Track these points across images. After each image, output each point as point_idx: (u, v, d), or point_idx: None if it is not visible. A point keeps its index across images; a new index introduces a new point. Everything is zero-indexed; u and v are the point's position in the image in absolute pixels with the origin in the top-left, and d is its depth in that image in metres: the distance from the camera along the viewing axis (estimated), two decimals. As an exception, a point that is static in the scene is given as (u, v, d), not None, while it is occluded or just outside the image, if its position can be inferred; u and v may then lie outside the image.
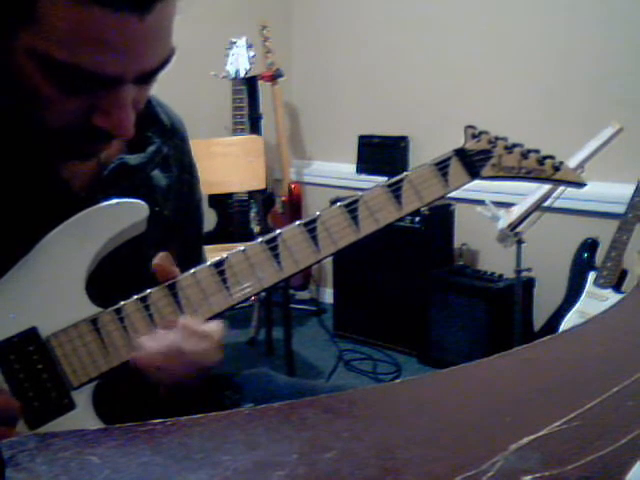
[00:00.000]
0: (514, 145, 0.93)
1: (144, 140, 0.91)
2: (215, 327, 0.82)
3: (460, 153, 0.90)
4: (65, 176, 0.84)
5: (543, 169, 0.94)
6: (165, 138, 0.94)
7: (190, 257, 0.82)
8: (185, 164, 1.00)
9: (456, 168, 0.89)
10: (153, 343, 0.78)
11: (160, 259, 0.81)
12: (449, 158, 0.89)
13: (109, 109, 0.75)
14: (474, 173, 0.89)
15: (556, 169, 0.94)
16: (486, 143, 0.91)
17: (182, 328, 0.79)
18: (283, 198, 3.51)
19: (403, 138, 3.38)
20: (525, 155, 0.93)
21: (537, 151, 0.94)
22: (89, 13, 0.68)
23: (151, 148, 0.92)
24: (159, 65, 0.75)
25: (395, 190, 0.86)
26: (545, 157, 0.94)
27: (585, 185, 0.98)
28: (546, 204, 2.24)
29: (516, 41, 3.03)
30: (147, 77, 0.76)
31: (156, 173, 0.93)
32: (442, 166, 0.88)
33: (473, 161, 0.90)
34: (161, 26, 0.73)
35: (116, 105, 0.75)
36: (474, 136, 0.91)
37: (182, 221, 0.97)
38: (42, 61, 0.70)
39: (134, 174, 0.89)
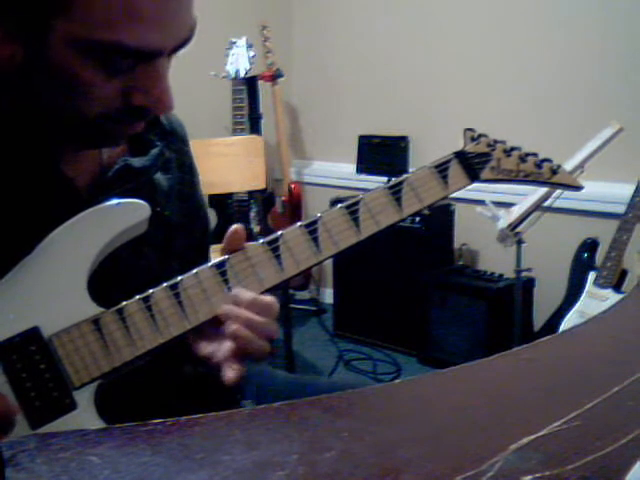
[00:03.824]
0: (512, 148, 0.93)
1: (146, 143, 0.91)
2: (271, 299, 0.82)
3: (460, 156, 0.90)
4: (69, 175, 0.85)
5: (541, 172, 0.94)
6: (167, 141, 0.95)
7: (197, 259, 0.82)
8: (186, 165, 1.00)
9: (456, 170, 0.89)
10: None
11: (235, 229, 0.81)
12: (449, 160, 0.89)
13: (147, 86, 0.76)
14: (473, 176, 0.90)
15: (554, 172, 0.95)
16: (485, 146, 0.92)
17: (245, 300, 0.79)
18: (283, 198, 3.51)
19: (403, 138, 3.38)
20: (523, 158, 0.93)
21: (535, 154, 0.95)
22: None
23: (154, 151, 0.92)
24: (189, 35, 0.77)
25: (395, 192, 0.86)
26: (543, 160, 0.94)
27: (582, 188, 0.99)
28: (546, 204, 2.24)
29: (516, 41, 3.03)
30: (177, 48, 0.77)
31: (158, 175, 0.93)
32: (442, 168, 0.88)
33: (472, 164, 0.90)
34: None
35: (154, 80, 0.76)
36: (473, 139, 0.92)
37: (185, 223, 0.97)
38: (83, 46, 0.71)
39: (138, 176, 0.89)
